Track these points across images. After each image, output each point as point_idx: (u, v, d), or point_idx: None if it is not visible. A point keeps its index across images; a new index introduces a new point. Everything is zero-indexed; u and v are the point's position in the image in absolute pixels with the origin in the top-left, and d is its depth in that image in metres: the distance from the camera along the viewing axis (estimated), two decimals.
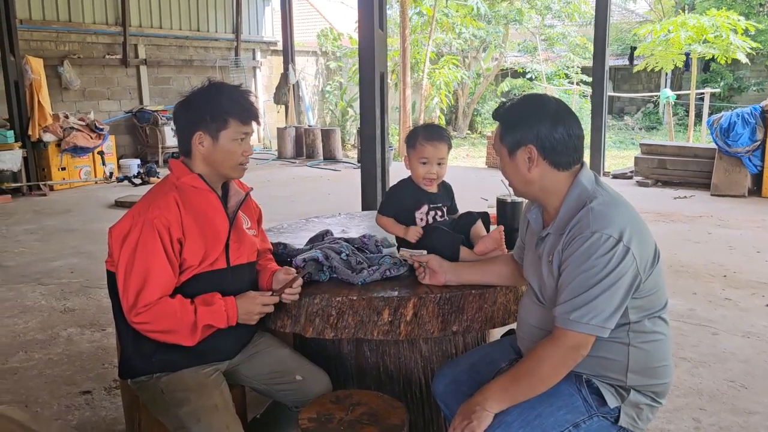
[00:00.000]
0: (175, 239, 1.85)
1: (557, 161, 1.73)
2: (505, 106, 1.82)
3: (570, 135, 1.72)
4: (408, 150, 2.33)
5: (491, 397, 1.67)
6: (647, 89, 18.53)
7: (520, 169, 1.75)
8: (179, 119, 1.97)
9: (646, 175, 8.81)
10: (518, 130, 1.73)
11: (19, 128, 8.93)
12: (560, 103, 1.79)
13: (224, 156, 1.94)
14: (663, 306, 1.75)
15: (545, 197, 1.78)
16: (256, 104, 2.04)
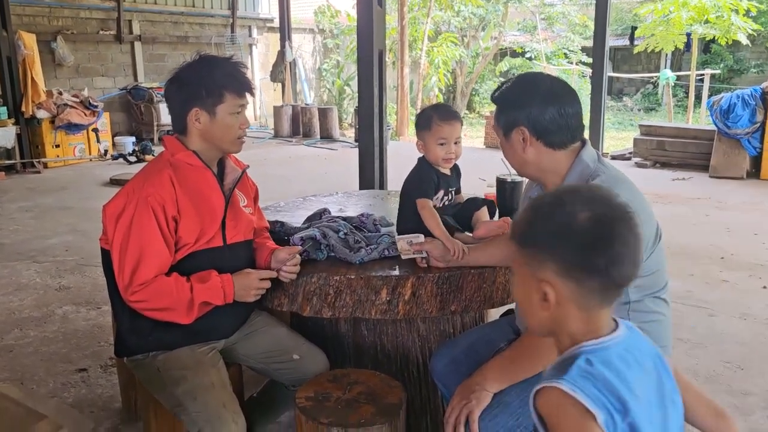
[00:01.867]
0: (170, 217, 1.82)
1: (551, 141, 1.71)
2: (501, 87, 1.81)
3: (562, 114, 1.69)
4: (422, 132, 2.24)
5: (490, 376, 1.66)
6: (647, 70, 18.43)
7: (516, 149, 1.75)
8: (172, 97, 1.92)
9: (645, 157, 8.78)
10: (511, 112, 1.73)
11: (12, 105, 8.83)
12: (556, 81, 1.77)
13: (222, 131, 1.91)
14: (664, 286, 1.73)
15: (544, 176, 1.77)
16: (248, 75, 1.99)
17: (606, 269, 1.07)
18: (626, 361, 1.11)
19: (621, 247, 1.08)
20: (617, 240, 1.08)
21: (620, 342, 1.13)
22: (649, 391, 1.13)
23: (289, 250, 2.03)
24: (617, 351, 1.11)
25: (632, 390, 1.07)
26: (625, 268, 1.09)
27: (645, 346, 1.19)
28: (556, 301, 1.11)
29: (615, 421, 1.03)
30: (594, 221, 1.08)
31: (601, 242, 1.08)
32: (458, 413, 1.64)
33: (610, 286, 1.10)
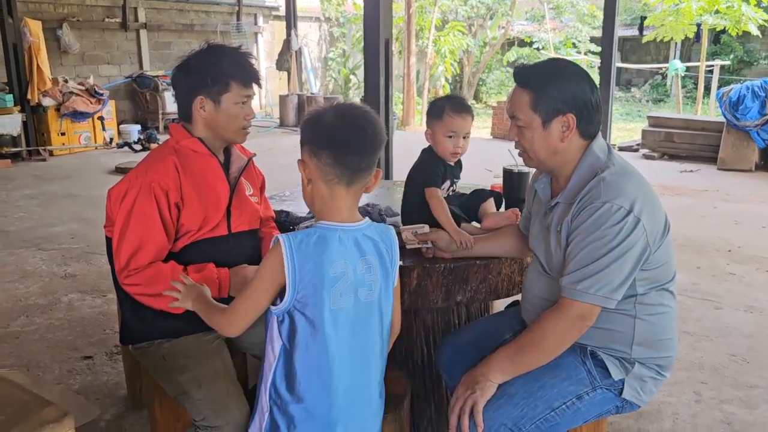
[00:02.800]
0: (172, 204, 1.82)
1: (587, 130, 1.68)
2: (533, 69, 1.71)
3: (599, 102, 1.67)
4: (433, 122, 2.20)
5: (495, 367, 1.66)
6: (656, 60, 18.28)
7: (552, 138, 1.67)
8: (179, 84, 1.92)
9: (653, 148, 8.73)
10: (557, 97, 1.63)
11: (18, 92, 8.83)
12: (582, 67, 1.74)
13: (227, 120, 1.90)
14: (671, 279, 1.72)
15: (561, 166, 1.73)
16: (256, 66, 1.98)
17: (338, 150, 1.41)
18: (344, 245, 1.43)
19: (352, 135, 1.42)
20: (350, 129, 1.42)
21: (354, 230, 1.46)
22: (347, 281, 1.43)
23: None
24: (343, 236, 1.44)
25: (324, 268, 1.40)
26: (353, 154, 1.42)
27: (382, 249, 1.49)
28: (308, 178, 1.47)
29: (296, 283, 1.39)
30: (335, 116, 1.44)
31: (338, 129, 1.42)
32: (462, 403, 1.63)
33: (342, 166, 1.41)
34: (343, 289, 1.43)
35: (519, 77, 1.70)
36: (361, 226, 1.48)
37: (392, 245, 1.53)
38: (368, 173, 1.47)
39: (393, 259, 1.54)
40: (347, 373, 1.46)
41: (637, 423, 2.58)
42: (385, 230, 1.54)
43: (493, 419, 1.61)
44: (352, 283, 1.44)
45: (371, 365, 1.52)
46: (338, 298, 1.43)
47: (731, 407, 2.70)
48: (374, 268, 1.48)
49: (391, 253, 1.53)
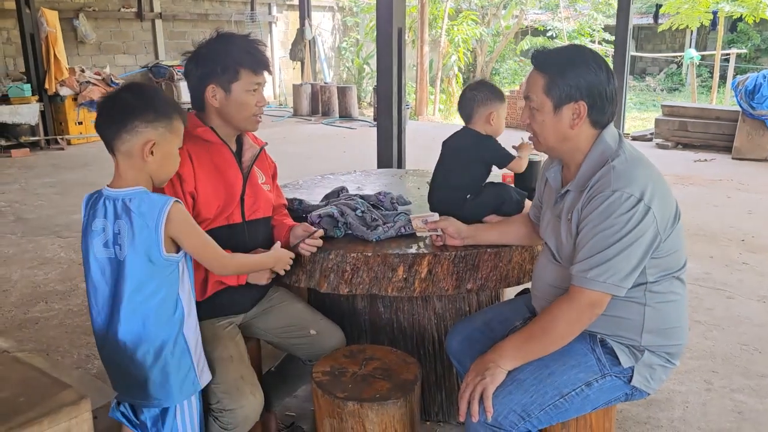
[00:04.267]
0: (187, 192, 1.85)
1: (599, 120, 1.68)
2: (552, 54, 1.71)
3: (616, 92, 1.68)
4: (499, 104, 2.30)
5: (505, 354, 1.68)
6: (671, 49, 18.07)
7: (563, 124, 1.68)
8: (190, 73, 1.94)
9: (667, 138, 8.66)
10: (571, 84, 1.64)
11: (35, 82, 8.93)
12: (601, 56, 1.74)
13: (237, 108, 1.92)
14: (681, 267, 1.72)
15: (572, 154, 1.74)
16: (266, 53, 1.98)
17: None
18: (105, 208, 1.62)
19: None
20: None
21: (117, 194, 1.62)
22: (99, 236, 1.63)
23: (305, 227, 2.05)
24: (114, 197, 1.62)
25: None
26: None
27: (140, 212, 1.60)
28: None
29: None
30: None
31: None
32: (473, 389, 1.66)
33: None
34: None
35: (537, 60, 1.71)
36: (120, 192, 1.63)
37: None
38: (113, 140, 1.61)
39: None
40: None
41: (647, 411, 2.60)
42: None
43: (502, 405, 1.63)
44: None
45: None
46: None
47: (741, 396, 2.71)
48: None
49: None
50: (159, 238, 1.59)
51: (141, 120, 1.59)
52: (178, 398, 1.69)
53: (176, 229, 1.61)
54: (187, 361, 1.71)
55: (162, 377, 1.67)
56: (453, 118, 13.60)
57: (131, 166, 1.62)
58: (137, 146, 1.60)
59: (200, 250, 1.70)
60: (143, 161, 1.61)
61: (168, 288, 1.66)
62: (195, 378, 1.73)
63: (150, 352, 1.65)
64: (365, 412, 1.77)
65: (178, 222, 1.62)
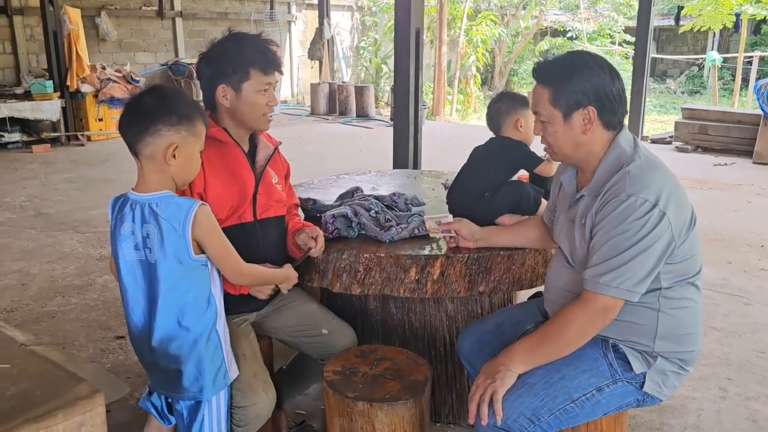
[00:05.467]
0: (195, 194, 1.85)
1: (610, 121, 1.68)
2: (551, 65, 1.72)
3: (623, 90, 1.67)
4: (526, 111, 2.31)
5: (516, 357, 1.67)
6: (693, 51, 17.86)
7: (575, 132, 1.68)
8: (202, 73, 1.95)
9: (687, 141, 8.56)
10: (576, 91, 1.64)
11: (57, 79, 9.05)
12: (602, 57, 1.74)
13: (248, 108, 1.92)
14: (696, 272, 1.71)
15: (587, 159, 1.73)
16: (278, 53, 1.98)
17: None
18: (133, 212, 1.65)
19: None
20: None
21: (143, 199, 1.65)
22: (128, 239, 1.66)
23: (307, 235, 2.05)
24: (140, 202, 1.65)
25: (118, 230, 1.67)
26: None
27: (167, 215, 1.62)
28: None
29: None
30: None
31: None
32: (483, 392, 1.66)
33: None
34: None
35: (537, 74, 1.72)
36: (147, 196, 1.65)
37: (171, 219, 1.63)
38: (136, 144, 1.64)
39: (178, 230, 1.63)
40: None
41: (660, 417, 2.58)
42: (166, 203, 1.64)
43: (512, 408, 1.63)
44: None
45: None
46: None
47: (757, 404, 2.68)
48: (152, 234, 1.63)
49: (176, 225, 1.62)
50: (187, 241, 1.61)
51: (164, 123, 1.60)
52: (212, 392, 1.72)
53: (201, 232, 1.63)
54: (219, 355, 1.73)
55: (196, 371, 1.69)
56: (470, 119, 13.57)
57: (155, 169, 1.64)
58: (160, 150, 1.62)
59: (222, 256, 1.71)
60: (166, 164, 1.63)
61: (200, 286, 1.69)
62: (226, 372, 1.75)
63: (185, 347, 1.68)
64: (375, 412, 1.77)
65: (204, 225, 1.64)
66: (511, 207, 2.30)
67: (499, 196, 2.30)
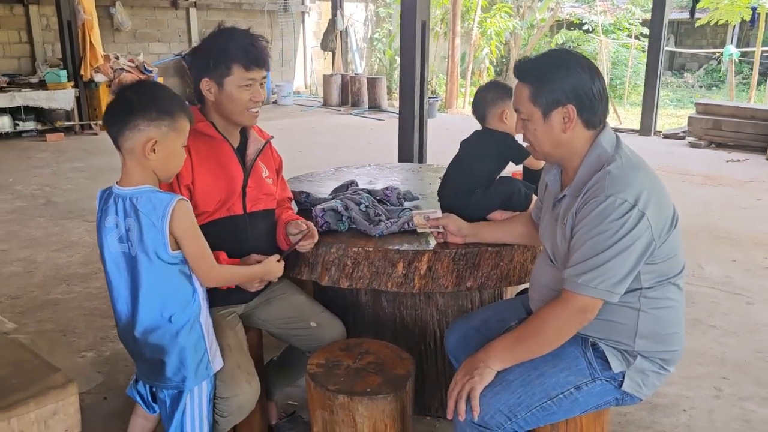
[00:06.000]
0: (183, 186, 1.88)
1: (591, 120, 1.67)
2: (532, 63, 1.71)
3: (603, 89, 1.66)
4: (510, 102, 2.26)
5: (495, 354, 1.68)
6: (711, 45, 17.60)
7: (554, 131, 1.67)
8: (190, 66, 1.97)
9: (699, 136, 8.46)
10: (555, 89, 1.64)
11: (71, 68, 9.15)
12: (583, 56, 1.73)
13: (230, 103, 1.93)
14: (678, 272, 1.70)
15: (569, 158, 1.73)
16: (266, 49, 1.97)
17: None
18: (116, 206, 1.66)
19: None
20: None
21: (125, 193, 1.65)
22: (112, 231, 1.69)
23: (296, 225, 2.06)
24: (122, 196, 1.66)
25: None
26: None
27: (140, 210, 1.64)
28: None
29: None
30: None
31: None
32: (461, 388, 1.66)
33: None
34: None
35: (518, 71, 1.71)
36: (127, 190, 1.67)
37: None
38: (117, 138, 1.64)
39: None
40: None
41: (651, 416, 2.57)
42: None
43: (489, 405, 1.64)
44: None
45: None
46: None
47: (751, 404, 2.66)
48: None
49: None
50: (164, 237, 1.63)
51: (143, 118, 1.62)
52: (194, 382, 1.75)
53: (178, 228, 1.65)
54: (202, 346, 1.76)
55: (179, 362, 1.73)
56: None
57: (136, 163, 1.66)
58: (139, 144, 1.63)
59: (196, 256, 1.71)
60: (146, 159, 1.64)
61: (182, 280, 1.71)
62: (209, 363, 1.78)
63: (167, 338, 1.71)
64: (355, 405, 1.79)
65: (181, 221, 1.65)
66: (502, 203, 2.30)
67: (489, 192, 2.30)
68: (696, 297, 3.71)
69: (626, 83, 13.84)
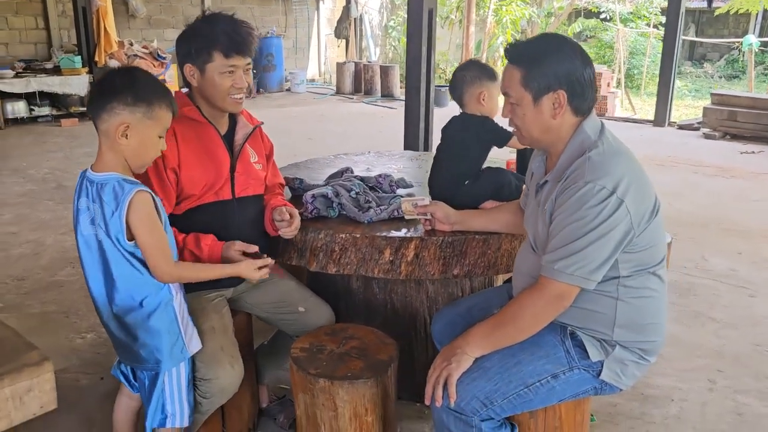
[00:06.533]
0: (169, 168, 1.89)
1: (581, 106, 1.66)
2: (525, 46, 1.69)
3: (593, 76, 1.65)
4: (490, 83, 2.25)
5: (473, 341, 1.69)
6: (733, 34, 17.24)
7: (544, 116, 1.66)
8: (177, 51, 1.99)
9: (714, 127, 8.33)
10: (548, 74, 1.62)
11: (86, 54, 9.22)
12: (576, 42, 1.71)
13: (212, 89, 1.94)
14: (658, 262, 1.69)
15: (555, 144, 1.72)
16: (251, 36, 1.96)
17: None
18: (87, 189, 1.70)
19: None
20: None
21: (94, 178, 1.68)
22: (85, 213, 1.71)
23: (280, 213, 2.06)
24: (92, 180, 1.68)
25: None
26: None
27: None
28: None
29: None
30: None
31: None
32: (438, 374, 1.68)
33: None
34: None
35: (510, 54, 1.69)
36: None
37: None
38: (95, 119, 1.66)
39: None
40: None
41: (642, 406, 2.56)
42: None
43: (465, 392, 1.65)
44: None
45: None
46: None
47: (746, 398, 2.64)
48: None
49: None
50: (122, 226, 1.63)
51: (119, 102, 1.62)
52: (170, 364, 1.78)
53: (133, 218, 1.63)
54: (175, 330, 1.78)
55: (152, 344, 1.75)
56: None
57: (109, 147, 1.67)
58: (113, 127, 1.64)
59: (148, 250, 1.67)
60: (117, 143, 1.65)
61: (146, 267, 1.71)
62: (184, 346, 1.80)
63: (140, 321, 1.73)
64: (336, 389, 1.81)
65: (138, 212, 1.63)
66: (493, 194, 2.29)
67: (479, 184, 2.29)
68: (698, 289, 3.68)
69: (644, 73, 13.65)
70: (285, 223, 2.06)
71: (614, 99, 10.46)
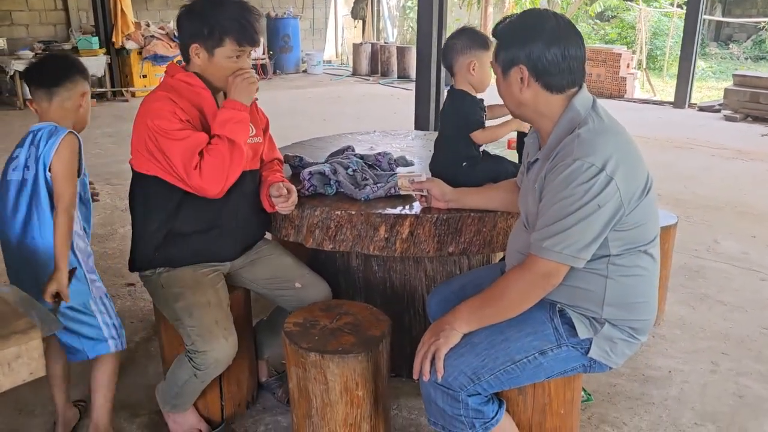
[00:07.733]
0: (184, 119, 1.92)
1: (550, 83, 1.65)
2: (504, 22, 1.72)
3: (565, 56, 1.62)
4: (480, 51, 2.20)
5: (460, 317, 1.69)
6: (762, 14, 16.81)
7: (513, 89, 1.68)
8: (181, 25, 1.99)
9: (736, 109, 8.16)
10: (511, 49, 1.65)
11: (103, 35, 9.29)
12: (561, 20, 1.68)
13: (217, 71, 1.97)
14: (649, 241, 1.67)
15: (539, 120, 1.71)
16: (259, 25, 1.99)
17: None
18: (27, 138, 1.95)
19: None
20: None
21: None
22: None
23: (278, 188, 2.08)
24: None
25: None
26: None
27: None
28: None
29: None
30: None
31: None
32: (426, 349, 1.68)
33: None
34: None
35: (494, 29, 1.73)
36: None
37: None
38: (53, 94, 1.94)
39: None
40: None
41: (642, 387, 2.55)
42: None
43: (453, 367, 1.65)
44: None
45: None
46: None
47: (747, 380, 2.61)
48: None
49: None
50: (48, 162, 1.85)
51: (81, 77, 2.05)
52: (74, 301, 1.92)
53: (57, 158, 1.86)
54: (80, 273, 1.96)
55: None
56: None
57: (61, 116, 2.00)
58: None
59: (58, 190, 1.86)
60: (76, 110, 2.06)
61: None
62: (86, 289, 1.98)
63: (48, 261, 1.87)
64: (326, 363, 1.83)
65: (62, 152, 1.87)
66: (491, 181, 2.25)
67: (476, 171, 2.25)
68: (707, 272, 3.63)
69: (666, 54, 13.38)
70: (282, 199, 2.07)
71: (633, 80, 10.28)
